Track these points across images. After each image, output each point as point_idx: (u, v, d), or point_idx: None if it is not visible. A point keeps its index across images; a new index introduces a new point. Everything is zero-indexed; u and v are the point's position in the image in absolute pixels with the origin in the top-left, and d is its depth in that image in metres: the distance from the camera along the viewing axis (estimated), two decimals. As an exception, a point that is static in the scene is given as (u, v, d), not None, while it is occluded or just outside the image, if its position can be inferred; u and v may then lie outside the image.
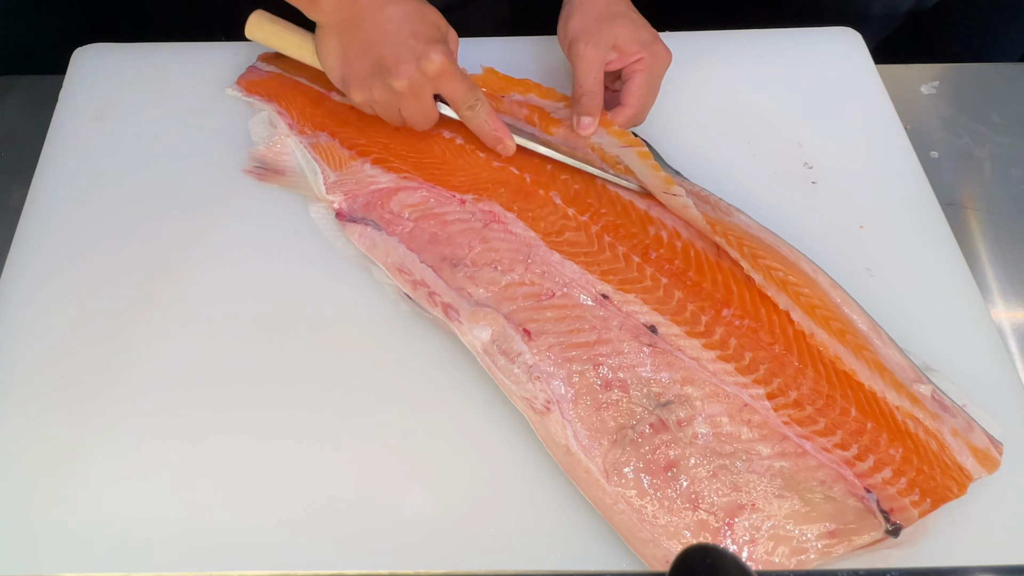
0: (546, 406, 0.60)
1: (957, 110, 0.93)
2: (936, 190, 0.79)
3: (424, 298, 0.67)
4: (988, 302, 0.78)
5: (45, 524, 0.59)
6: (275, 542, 0.59)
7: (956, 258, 0.74)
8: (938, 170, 0.86)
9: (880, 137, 0.82)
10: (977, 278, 0.75)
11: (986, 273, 0.81)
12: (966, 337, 0.68)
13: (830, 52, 0.89)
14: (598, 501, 0.58)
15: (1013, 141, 0.90)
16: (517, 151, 0.75)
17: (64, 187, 0.78)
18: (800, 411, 0.60)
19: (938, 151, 0.89)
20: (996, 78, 0.96)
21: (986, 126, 0.92)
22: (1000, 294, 0.79)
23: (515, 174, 0.73)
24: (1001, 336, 0.71)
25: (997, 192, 0.87)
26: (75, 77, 0.86)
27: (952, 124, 0.92)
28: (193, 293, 0.71)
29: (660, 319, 0.64)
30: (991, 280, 0.80)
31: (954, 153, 0.89)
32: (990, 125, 0.92)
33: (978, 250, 0.82)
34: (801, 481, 0.57)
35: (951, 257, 0.74)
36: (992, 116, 0.93)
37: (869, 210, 0.77)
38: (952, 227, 0.76)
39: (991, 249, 0.82)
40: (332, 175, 0.76)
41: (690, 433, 0.59)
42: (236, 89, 0.84)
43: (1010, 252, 0.82)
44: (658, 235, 0.69)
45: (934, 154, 0.89)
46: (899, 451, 0.59)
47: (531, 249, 0.68)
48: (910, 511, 0.56)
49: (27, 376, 0.66)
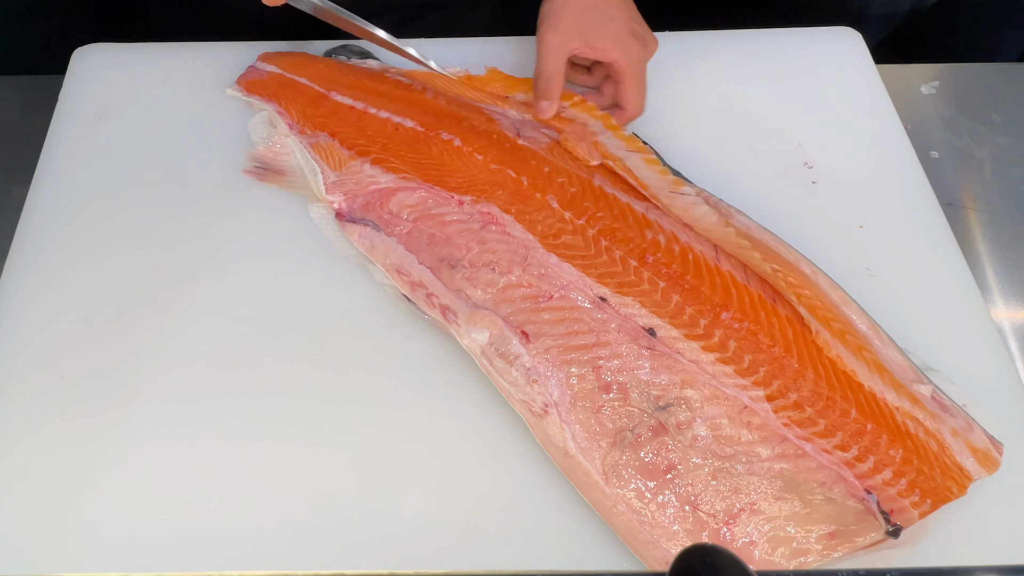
0: (544, 409, 0.60)
1: (957, 110, 0.93)
2: (936, 190, 0.79)
3: (422, 300, 0.67)
4: (988, 302, 0.78)
5: (47, 524, 0.59)
6: (276, 542, 0.59)
7: (956, 258, 0.74)
8: (938, 170, 0.86)
9: (880, 137, 0.82)
10: (977, 278, 0.75)
11: (986, 273, 0.81)
12: (966, 337, 0.68)
13: (830, 52, 0.89)
14: (597, 503, 0.58)
15: (1013, 141, 0.90)
16: (511, 153, 0.75)
17: (64, 187, 0.78)
18: (800, 413, 0.60)
19: (938, 151, 0.89)
20: (996, 78, 0.96)
21: (986, 126, 0.92)
22: (1000, 294, 0.79)
23: (512, 177, 0.73)
24: (1001, 336, 0.71)
25: (997, 192, 0.87)
26: (75, 77, 0.86)
27: (952, 124, 0.92)
28: (193, 293, 0.71)
29: (658, 322, 0.63)
30: (991, 280, 0.80)
31: (954, 153, 0.89)
32: (990, 125, 0.92)
33: (978, 250, 0.82)
34: (801, 483, 0.57)
35: (951, 257, 0.74)
36: (992, 116, 0.93)
37: (869, 210, 0.77)
38: (952, 227, 0.76)
39: (991, 249, 0.82)
40: (332, 175, 0.76)
41: (690, 435, 0.59)
42: (236, 89, 0.84)
43: (1010, 252, 0.82)
44: (655, 239, 0.69)
45: (934, 154, 0.89)
46: (899, 452, 0.58)
47: (529, 251, 0.68)
48: (910, 512, 0.56)
49: (27, 376, 0.66)
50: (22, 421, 0.64)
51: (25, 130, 0.86)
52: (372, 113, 0.81)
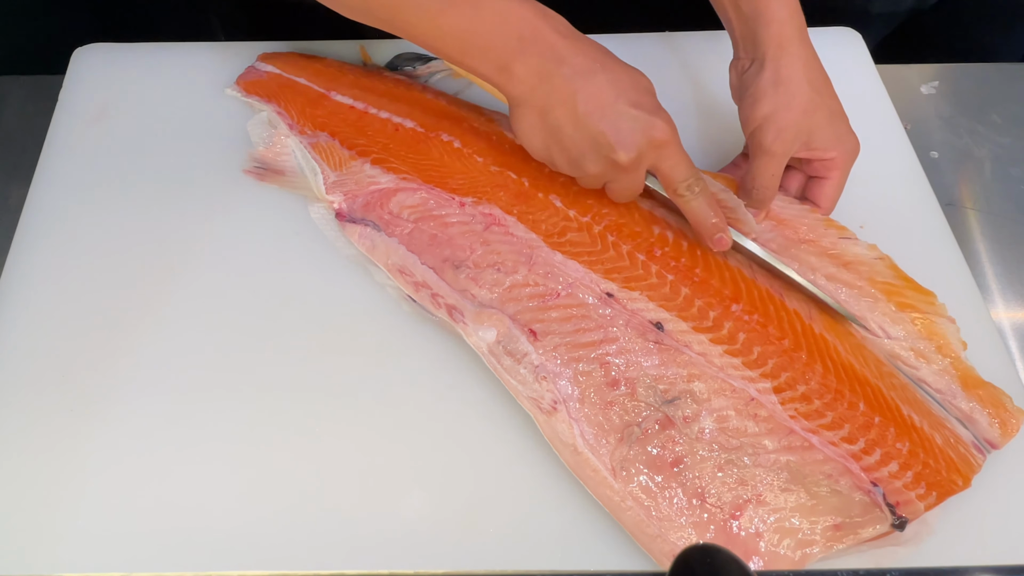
0: (553, 406, 0.60)
1: (957, 110, 0.93)
2: (936, 190, 0.79)
3: (427, 300, 0.67)
4: (988, 302, 0.78)
5: (44, 524, 0.59)
6: (276, 542, 0.59)
7: (956, 258, 0.74)
8: (938, 170, 0.86)
9: (880, 137, 0.82)
10: (977, 278, 0.75)
11: (986, 273, 0.81)
12: (966, 337, 0.68)
13: (830, 52, 0.88)
14: (605, 499, 0.58)
15: (1013, 141, 0.90)
16: (511, 154, 0.75)
17: (64, 187, 0.77)
18: (808, 405, 0.60)
19: (938, 151, 0.89)
20: (996, 78, 0.96)
21: (986, 126, 0.92)
22: (1000, 294, 0.79)
23: (513, 178, 0.73)
24: (1001, 336, 0.72)
25: (997, 192, 0.87)
26: (75, 77, 0.86)
27: (952, 124, 0.92)
28: (194, 294, 0.71)
29: (667, 315, 0.64)
30: (991, 280, 0.80)
31: (954, 153, 0.89)
32: (990, 125, 0.92)
33: (978, 250, 0.82)
34: (807, 475, 0.57)
35: (951, 257, 0.74)
36: (992, 116, 0.93)
37: (869, 210, 0.77)
38: (952, 227, 0.76)
39: (991, 249, 0.82)
40: (332, 175, 0.76)
41: (696, 429, 0.59)
42: (235, 89, 0.84)
43: (1010, 252, 0.82)
44: (663, 234, 0.69)
45: (934, 154, 0.89)
46: (906, 445, 0.59)
47: (533, 250, 0.68)
48: (916, 504, 0.57)
49: (27, 377, 0.66)
50: (21, 421, 0.64)
51: (25, 130, 0.86)
52: (372, 113, 0.81)
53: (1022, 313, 0.78)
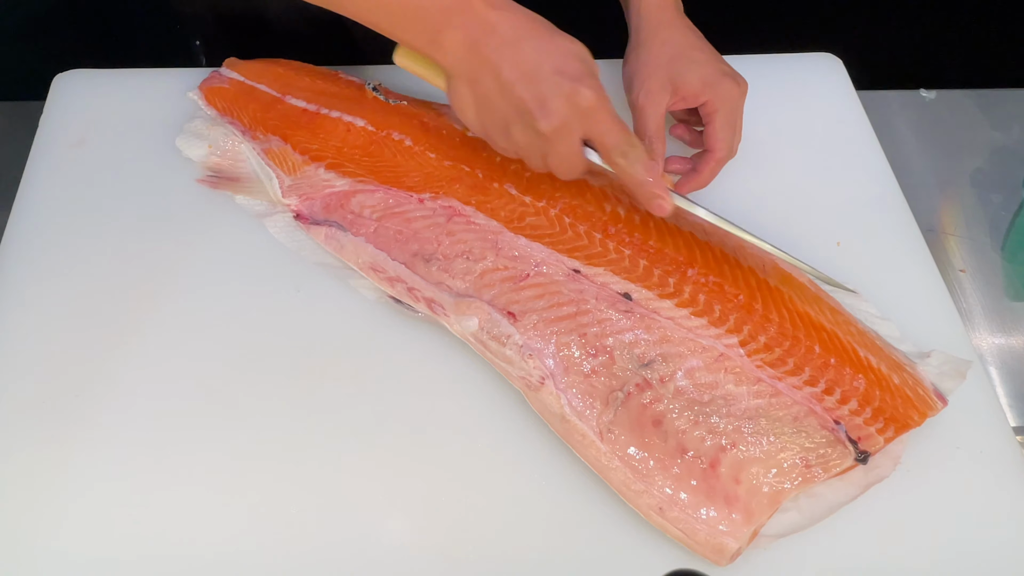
0: (541, 381, 0.63)
1: (937, 135, 0.94)
2: (916, 215, 0.79)
3: (405, 294, 0.69)
4: (969, 327, 0.78)
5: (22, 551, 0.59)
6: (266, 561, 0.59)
7: (937, 284, 0.74)
8: (917, 195, 0.87)
9: (860, 162, 0.83)
10: (957, 304, 0.75)
11: (967, 299, 0.81)
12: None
13: (811, 77, 0.90)
14: (593, 461, 0.61)
15: (992, 167, 0.91)
16: (462, 147, 0.75)
17: (45, 213, 0.77)
18: (770, 354, 0.64)
19: (917, 176, 0.90)
20: (977, 104, 0.97)
21: (966, 151, 0.93)
22: (982, 319, 0.80)
23: (467, 171, 0.75)
24: (982, 362, 0.72)
25: (976, 217, 0.87)
26: (55, 103, 0.86)
27: (932, 149, 0.92)
28: (174, 318, 0.71)
29: (632, 287, 0.67)
30: (973, 305, 0.81)
31: (933, 178, 0.90)
32: (970, 150, 0.93)
33: (958, 275, 0.83)
34: (777, 419, 0.61)
35: (931, 283, 0.74)
36: (972, 142, 0.93)
37: (848, 234, 0.77)
38: (932, 252, 0.76)
39: (971, 275, 0.83)
40: (287, 179, 0.77)
41: (672, 388, 0.62)
42: (196, 95, 0.85)
43: (990, 278, 0.82)
44: (615, 211, 0.72)
45: (913, 179, 0.89)
46: (862, 383, 0.63)
47: (497, 236, 0.70)
48: (876, 438, 0.61)
49: (6, 403, 0.66)
50: (2, 447, 0.63)
51: (5, 156, 0.85)
52: (324, 114, 0.81)
53: (1002, 338, 0.79)
